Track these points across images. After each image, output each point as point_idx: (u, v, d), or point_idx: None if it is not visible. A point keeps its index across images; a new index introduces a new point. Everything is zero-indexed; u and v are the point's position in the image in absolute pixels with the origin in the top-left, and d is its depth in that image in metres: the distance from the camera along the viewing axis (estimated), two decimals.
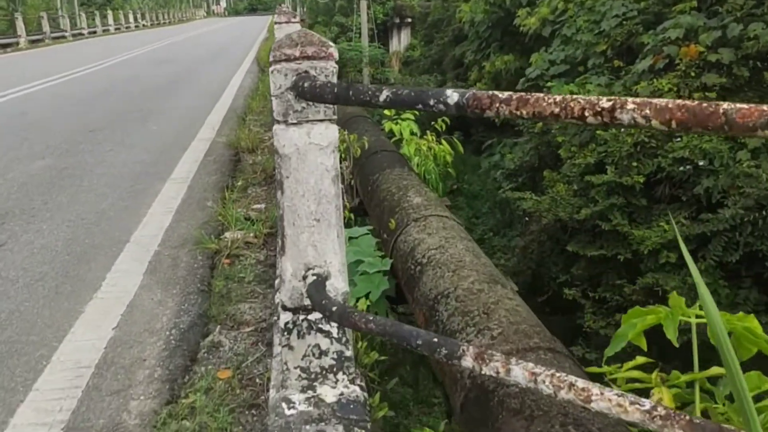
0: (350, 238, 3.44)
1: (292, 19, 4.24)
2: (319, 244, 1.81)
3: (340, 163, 4.48)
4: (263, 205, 4.38)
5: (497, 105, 1.17)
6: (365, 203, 3.57)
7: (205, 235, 3.79)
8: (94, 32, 35.71)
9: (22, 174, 5.72)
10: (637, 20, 9.65)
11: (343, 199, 4.47)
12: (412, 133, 4.95)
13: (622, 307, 8.53)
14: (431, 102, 1.30)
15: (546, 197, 9.35)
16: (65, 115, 9.02)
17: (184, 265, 3.57)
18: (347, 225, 4.01)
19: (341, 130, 4.48)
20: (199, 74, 14.42)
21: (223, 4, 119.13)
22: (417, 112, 5.02)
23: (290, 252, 1.84)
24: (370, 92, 1.45)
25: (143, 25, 47.65)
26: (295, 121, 1.71)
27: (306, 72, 1.68)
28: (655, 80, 8.34)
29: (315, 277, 1.83)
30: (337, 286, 1.86)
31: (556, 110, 1.08)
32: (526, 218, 10.21)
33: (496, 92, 1.22)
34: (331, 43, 1.79)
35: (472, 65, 19.01)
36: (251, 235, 3.71)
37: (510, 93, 1.20)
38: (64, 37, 29.67)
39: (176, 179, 5.37)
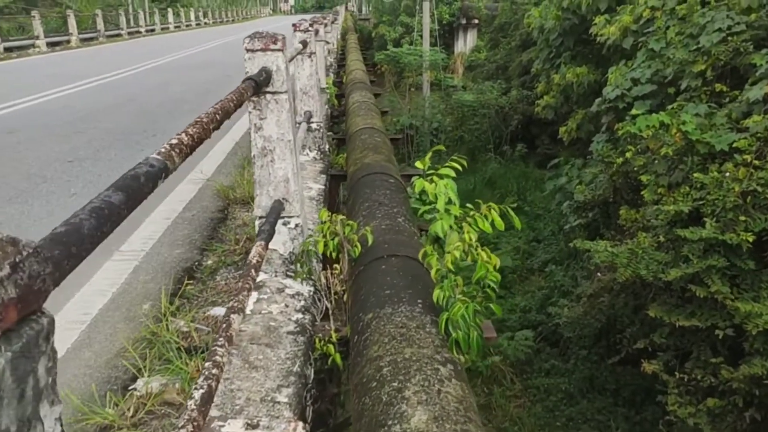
0: None
1: (271, 45, 2.84)
2: None
3: (330, 265, 3.07)
4: (224, 310, 3.04)
5: None
6: (352, 352, 2.16)
7: (99, 390, 2.47)
8: (153, 30, 35.37)
9: None
10: (745, 36, 7.88)
11: (330, 324, 3.08)
12: (449, 202, 3.48)
13: (717, 392, 6.97)
14: None
15: (624, 249, 7.73)
16: (55, 136, 7.88)
17: None
18: (328, 372, 2.60)
19: (335, 213, 3.02)
20: (232, 83, 13.27)
21: (291, 1, 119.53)
22: (464, 162, 3.44)
23: None
24: None
25: (205, 23, 47.23)
26: None
27: None
28: None
29: None
30: None
31: None
32: (598, 272, 8.59)
33: None
34: None
35: (540, 75, 17.37)
36: (175, 387, 2.36)
37: None
38: (119, 35, 29.27)
39: (125, 253, 4.07)
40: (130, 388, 2.50)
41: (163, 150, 1.33)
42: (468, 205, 4.17)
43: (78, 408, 2.31)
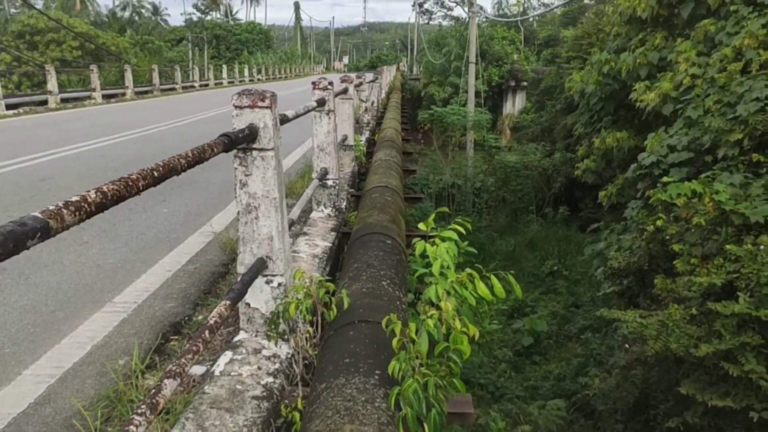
0: None
1: (259, 102, 2.86)
2: None
3: (307, 329, 2.98)
4: (203, 369, 2.96)
5: None
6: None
7: None
8: (206, 85, 36.61)
9: None
10: None
11: (299, 390, 2.97)
12: (445, 266, 3.38)
13: None
14: None
15: (654, 320, 7.42)
16: (84, 184, 7.83)
17: None
18: None
19: (317, 276, 2.97)
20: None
21: (346, 60, 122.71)
22: (468, 225, 3.35)
23: None
24: None
25: (258, 79, 48.78)
26: None
27: None
28: None
29: None
30: None
31: None
32: (626, 344, 8.26)
33: None
34: None
35: (582, 138, 17.23)
36: None
37: None
38: (173, 89, 30.37)
39: (117, 304, 4.02)
40: None
41: (51, 207, 1.29)
42: (468, 270, 4.06)
43: None
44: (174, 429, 2.28)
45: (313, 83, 5.58)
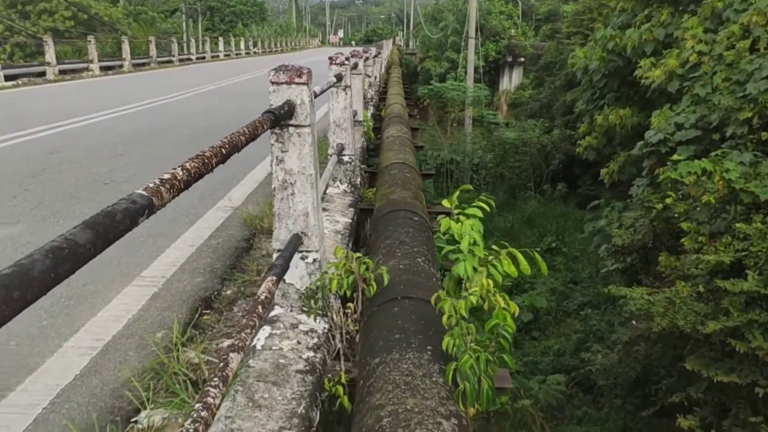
0: None
1: (296, 79, 2.83)
2: None
3: (345, 304, 3.00)
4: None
5: None
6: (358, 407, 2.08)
7: (100, 421, 2.43)
8: (203, 57, 36.22)
9: None
10: None
11: (341, 365, 3.00)
12: (474, 243, 3.38)
13: None
14: None
15: (661, 297, 7.49)
16: (95, 158, 7.98)
17: None
18: (336, 414, 2.52)
19: (361, 248, 2.97)
20: None
21: (340, 33, 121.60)
22: (491, 202, 3.34)
23: None
24: None
25: (254, 53, 48.28)
26: None
27: None
28: None
29: None
30: None
31: None
32: (633, 320, 8.33)
33: None
34: None
35: (583, 115, 17.19)
36: (178, 422, 2.28)
37: None
38: (171, 61, 30.04)
39: (147, 279, 4.05)
40: (132, 420, 2.45)
41: (151, 185, 1.29)
42: (494, 247, 4.08)
43: None
44: (226, 401, 2.31)
45: (330, 58, 5.55)
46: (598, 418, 10.31)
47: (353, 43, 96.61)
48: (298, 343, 2.82)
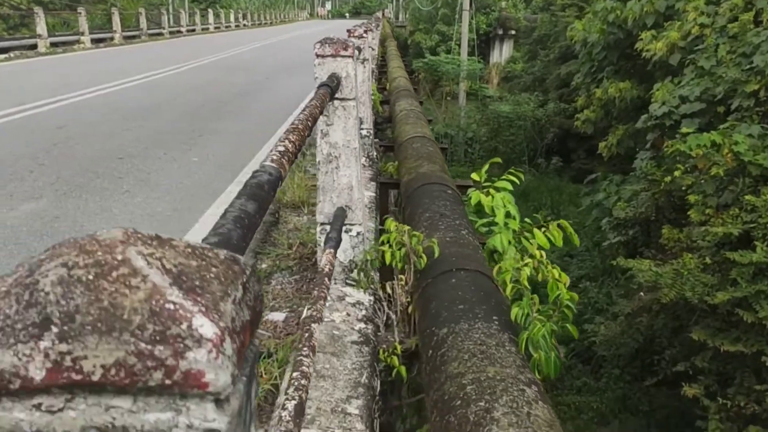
0: None
1: (341, 51, 2.83)
2: None
3: (392, 275, 3.03)
4: (283, 316, 3.01)
5: None
6: (423, 369, 2.12)
7: None
8: (193, 30, 35.72)
9: None
10: None
11: (395, 335, 3.04)
12: (508, 215, 3.42)
13: (761, 419, 6.80)
14: None
15: (668, 269, 7.58)
16: (102, 133, 7.93)
17: None
18: (390, 384, 2.58)
19: (397, 221, 2.99)
20: (274, 86, 13.23)
21: (328, 6, 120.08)
22: (521, 175, 3.37)
23: None
24: None
25: (244, 25, 47.63)
26: None
27: None
28: None
29: None
30: None
31: None
32: (641, 292, 8.42)
33: None
34: None
35: (580, 88, 17.18)
36: None
37: None
38: (161, 34, 29.60)
39: None
40: None
41: (274, 157, 1.31)
42: (527, 219, 4.11)
43: None
44: (288, 372, 2.35)
45: (349, 31, 5.52)
46: (597, 388, 10.48)
47: (347, 15, 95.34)
48: (348, 315, 2.85)
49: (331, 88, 2.53)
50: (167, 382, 0.45)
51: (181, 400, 0.47)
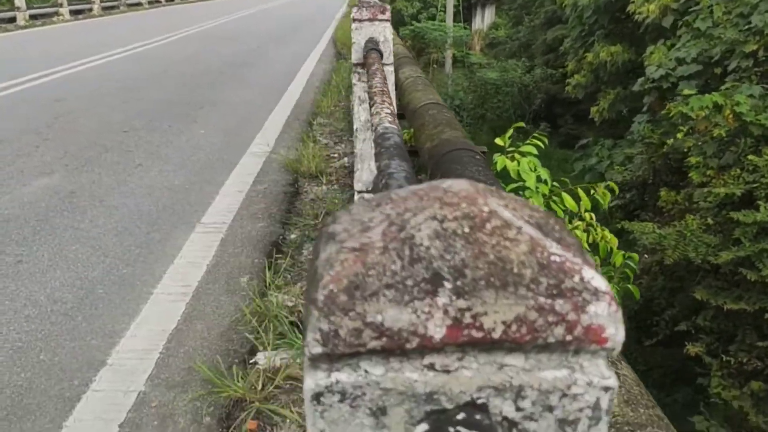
0: None
1: (379, 15, 2.79)
2: None
3: None
4: None
5: None
6: None
7: (222, 363, 2.51)
8: (172, 0, 35.05)
9: (13, 199, 4.54)
10: None
11: None
12: (539, 180, 3.43)
13: (762, 375, 6.97)
14: None
15: (672, 231, 7.68)
16: (102, 106, 7.82)
17: None
18: None
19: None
20: (266, 56, 12.99)
21: None
22: (545, 138, 3.42)
23: None
24: None
25: None
26: None
27: None
28: None
29: None
30: None
31: None
32: (645, 255, 8.51)
33: None
34: None
35: (569, 53, 17.13)
36: (297, 362, 2.31)
37: None
38: (140, 4, 28.90)
39: (208, 225, 4.03)
40: (251, 361, 2.48)
41: (389, 118, 1.30)
42: (555, 183, 4.12)
43: (209, 380, 2.30)
44: None
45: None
46: None
47: None
48: None
49: (380, 53, 2.50)
50: (568, 338, 0.45)
51: (573, 356, 0.47)
